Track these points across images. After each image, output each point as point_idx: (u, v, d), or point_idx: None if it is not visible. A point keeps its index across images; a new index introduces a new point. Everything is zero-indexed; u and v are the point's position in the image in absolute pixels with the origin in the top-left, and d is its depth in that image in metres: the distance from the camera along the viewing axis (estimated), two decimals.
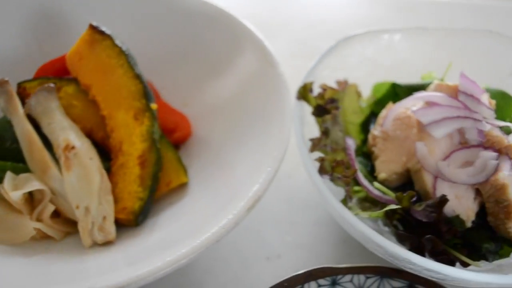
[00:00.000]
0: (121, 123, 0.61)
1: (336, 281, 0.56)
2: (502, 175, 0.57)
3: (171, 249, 0.49)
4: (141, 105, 0.61)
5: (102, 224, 0.56)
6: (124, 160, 0.60)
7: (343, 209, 0.53)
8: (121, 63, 0.62)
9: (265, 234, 0.66)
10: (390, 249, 0.51)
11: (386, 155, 0.62)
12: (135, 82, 0.62)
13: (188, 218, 0.57)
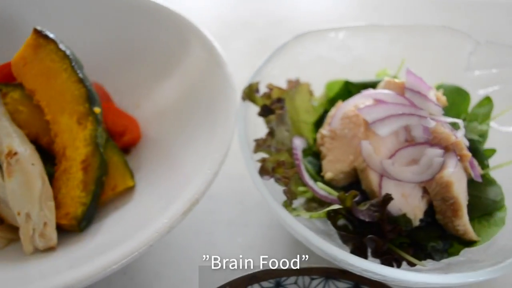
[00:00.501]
0: (65, 127, 0.60)
1: (280, 283, 0.56)
2: (446, 173, 0.57)
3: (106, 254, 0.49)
4: (84, 109, 0.60)
5: (43, 230, 0.56)
6: (68, 165, 0.59)
7: (282, 210, 0.53)
8: (64, 67, 0.62)
9: (216, 237, 0.65)
10: (327, 250, 0.51)
11: (334, 154, 0.61)
12: (78, 86, 0.61)
13: (130, 222, 0.56)
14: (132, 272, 0.61)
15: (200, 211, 0.67)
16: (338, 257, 0.50)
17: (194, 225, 0.66)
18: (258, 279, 0.55)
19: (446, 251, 0.59)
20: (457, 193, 0.57)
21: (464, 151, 0.60)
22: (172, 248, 0.64)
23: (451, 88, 0.71)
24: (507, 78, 0.71)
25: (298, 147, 0.61)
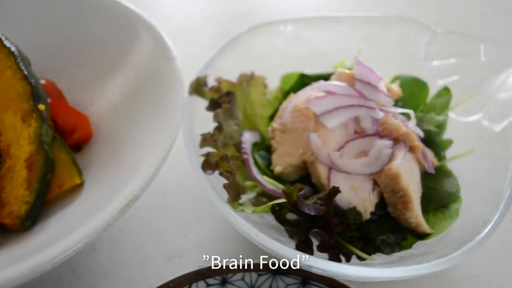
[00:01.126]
0: (9, 125, 0.59)
1: (227, 280, 0.55)
2: (395, 164, 0.56)
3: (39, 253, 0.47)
4: (28, 107, 0.59)
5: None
6: (12, 164, 0.58)
7: (224, 205, 0.52)
8: (9, 64, 0.61)
9: (169, 234, 0.64)
10: (268, 245, 0.49)
11: (283, 147, 0.60)
12: (23, 83, 0.60)
13: (73, 220, 0.55)
14: (80, 271, 0.60)
15: (153, 208, 0.66)
16: (279, 251, 0.49)
17: (147, 222, 0.65)
18: (204, 276, 0.54)
19: (399, 244, 0.58)
20: (406, 185, 0.56)
21: (415, 142, 0.59)
22: (122, 246, 0.63)
23: (409, 79, 0.70)
24: (466, 68, 0.70)
25: (247, 141, 0.60)
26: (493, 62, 0.68)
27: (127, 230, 0.64)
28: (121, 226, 0.64)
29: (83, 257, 0.61)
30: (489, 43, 0.69)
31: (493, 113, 0.65)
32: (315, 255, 0.53)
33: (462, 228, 0.57)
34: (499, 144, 0.62)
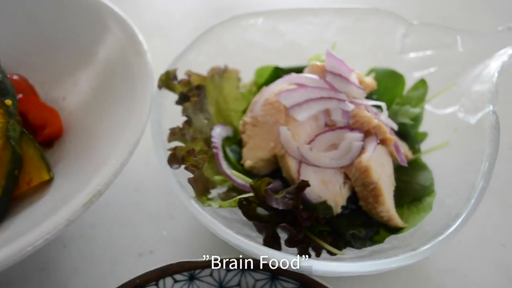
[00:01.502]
0: None
1: (195, 276, 0.54)
2: (365, 157, 0.55)
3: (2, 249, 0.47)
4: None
5: None
6: None
7: (189, 200, 0.51)
8: None
9: (141, 230, 0.64)
10: (233, 240, 0.49)
11: (254, 141, 0.60)
12: None
13: (38, 217, 0.54)
14: (50, 268, 0.60)
15: (126, 204, 0.65)
16: (245, 247, 0.48)
17: (119, 218, 0.64)
18: (171, 272, 0.53)
19: (370, 238, 0.58)
20: (377, 178, 0.55)
21: (387, 134, 0.58)
22: (93, 242, 0.62)
23: (385, 72, 0.69)
24: (443, 60, 0.69)
25: (218, 136, 0.60)
26: (470, 53, 0.67)
27: (99, 226, 0.64)
28: (93, 222, 0.64)
29: (53, 253, 0.61)
30: (466, 34, 0.68)
31: (468, 105, 0.64)
32: (284, 250, 0.52)
33: (435, 221, 0.56)
34: (474, 136, 0.61)
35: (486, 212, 0.70)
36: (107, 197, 0.65)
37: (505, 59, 0.64)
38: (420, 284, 0.61)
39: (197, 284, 0.54)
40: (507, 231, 0.67)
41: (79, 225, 0.63)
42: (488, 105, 0.60)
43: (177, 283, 0.53)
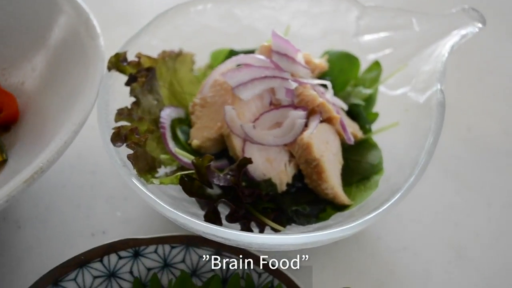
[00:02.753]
0: None
1: (139, 252, 0.55)
2: (306, 134, 0.56)
3: None
4: None
5: None
6: None
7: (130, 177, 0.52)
8: None
9: (95, 211, 0.65)
10: (171, 215, 0.49)
11: (202, 121, 0.60)
12: None
13: None
14: (4, 247, 0.61)
15: (82, 186, 0.66)
16: (179, 220, 0.49)
17: (74, 200, 0.65)
18: (116, 249, 0.54)
19: (316, 216, 0.58)
20: (319, 155, 0.56)
21: (332, 113, 0.58)
22: (48, 223, 0.63)
23: (339, 54, 0.70)
24: (398, 42, 0.69)
25: (167, 116, 0.60)
26: (424, 35, 0.68)
27: (54, 208, 0.65)
28: (48, 204, 0.65)
29: (8, 234, 0.62)
30: (420, 16, 0.68)
31: (419, 85, 0.65)
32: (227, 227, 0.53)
33: (379, 198, 0.57)
34: (422, 114, 0.62)
35: (441, 193, 0.70)
36: (63, 180, 0.66)
37: (456, 39, 0.64)
38: (371, 262, 0.62)
39: (142, 261, 0.55)
40: (461, 211, 0.68)
41: (34, 207, 0.64)
42: (436, 84, 0.61)
43: (121, 260, 0.54)
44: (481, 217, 0.68)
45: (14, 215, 0.63)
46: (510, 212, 0.68)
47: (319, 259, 0.61)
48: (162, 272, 0.55)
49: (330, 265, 0.61)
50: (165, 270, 0.55)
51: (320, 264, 0.61)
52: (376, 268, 0.62)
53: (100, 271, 0.53)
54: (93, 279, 0.53)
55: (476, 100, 0.82)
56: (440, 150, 0.73)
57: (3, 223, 0.63)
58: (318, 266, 0.60)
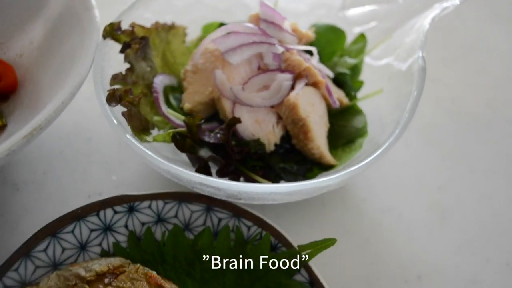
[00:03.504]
0: None
1: (134, 208, 0.57)
2: (292, 94, 0.58)
3: None
4: None
5: None
6: None
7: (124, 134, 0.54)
8: None
9: (92, 175, 0.67)
10: (165, 167, 0.52)
11: (194, 87, 0.63)
12: None
13: None
14: (3, 209, 0.63)
15: (78, 152, 0.69)
16: (172, 172, 0.51)
17: (71, 165, 0.68)
18: (111, 204, 0.57)
19: (303, 175, 0.61)
20: (305, 115, 0.58)
21: (317, 77, 0.61)
22: (45, 187, 0.66)
23: (326, 27, 0.73)
24: (382, 15, 0.72)
25: (160, 82, 0.63)
26: (407, 7, 0.70)
27: (51, 172, 0.67)
28: (46, 169, 0.67)
29: (7, 196, 0.64)
30: None
31: (402, 54, 0.68)
32: None
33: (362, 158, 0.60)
34: (404, 81, 0.64)
35: (425, 159, 0.73)
36: (61, 147, 0.69)
37: (437, 11, 0.67)
38: (357, 222, 0.65)
39: (136, 215, 0.57)
40: (444, 176, 0.71)
41: (32, 171, 0.67)
42: (418, 52, 0.63)
43: (117, 214, 0.57)
44: (464, 182, 0.70)
45: (13, 178, 0.66)
46: (492, 178, 0.71)
47: (307, 218, 0.63)
48: (156, 226, 0.57)
49: (318, 224, 0.64)
50: (159, 224, 0.57)
51: (308, 223, 0.63)
52: (361, 227, 0.64)
53: (96, 224, 0.56)
54: (90, 232, 0.56)
55: (460, 75, 0.85)
56: (424, 121, 0.77)
57: (2, 186, 0.65)
58: (306, 224, 0.62)
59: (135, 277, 0.51)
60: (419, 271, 0.61)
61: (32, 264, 0.53)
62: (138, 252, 0.55)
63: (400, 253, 0.62)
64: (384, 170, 0.70)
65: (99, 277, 0.52)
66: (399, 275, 0.60)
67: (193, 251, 0.55)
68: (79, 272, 0.52)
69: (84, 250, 0.55)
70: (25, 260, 0.52)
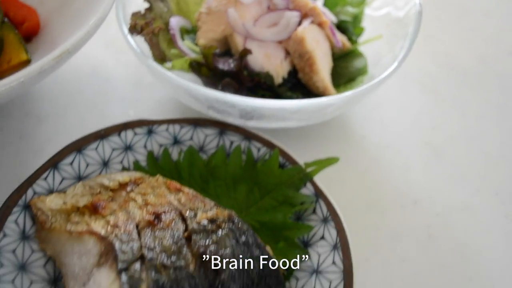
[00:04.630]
0: None
1: (152, 130, 0.62)
2: (300, 29, 0.63)
3: None
4: None
5: None
6: None
7: (145, 60, 0.59)
8: None
9: (110, 110, 0.72)
10: (182, 84, 0.56)
11: (208, 26, 0.68)
12: None
13: None
14: (27, 137, 0.67)
15: (97, 91, 0.73)
16: (191, 90, 0.56)
17: (90, 102, 0.72)
18: (132, 126, 0.61)
19: None
20: (311, 48, 0.63)
21: (322, 17, 0.66)
22: (65, 119, 0.70)
23: None
24: None
25: (176, 22, 0.68)
26: None
27: (71, 107, 0.71)
28: (66, 104, 0.72)
29: (30, 126, 0.68)
30: None
31: (399, 4, 0.73)
32: None
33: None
34: (401, 25, 0.70)
35: (420, 104, 0.78)
36: (80, 87, 0.73)
37: None
38: (357, 154, 0.70)
39: (154, 138, 0.62)
40: (438, 119, 0.76)
41: (54, 105, 0.71)
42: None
43: (136, 136, 0.61)
44: (456, 124, 0.75)
45: (36, 111, 0.70)
46: (482, 122, 0.76)
47: (311, 150, 0.68)
48: (172, 148, 0.62)
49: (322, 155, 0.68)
50: (175, 146, 0.62)
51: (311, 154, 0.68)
52: (361, 159, 0.69)
53: (117, 143, 0.60)
54: (112, 150, 0.60)
55: (454, 33, 0.91)
56: (420, 73, 0.82)
57: (26, 117, 0.69)
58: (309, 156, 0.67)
59: (155, 185, 0.56)
60: (414, 197, 0.66)
61: (59, 175, 0.57)
62: (156, 170, 0.60)
63: (397, 181, 0.67)
64: (382, 112, 0.75)
65: (121, 186, 0.56)
66: (396, 200, 0.65)
67: (207, 169, 0.60)
68: (103, 182, 0.57)
69: (106, 167, 0.60)
70: (53, 171, 0.57)
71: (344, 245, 0.53)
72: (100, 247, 0.48)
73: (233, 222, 0.49)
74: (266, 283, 0.47)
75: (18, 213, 0.53)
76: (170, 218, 0.49)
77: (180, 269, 0.44)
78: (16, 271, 0.51)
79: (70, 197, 0.55)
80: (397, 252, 0.61)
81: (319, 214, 0.56)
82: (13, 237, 0.52)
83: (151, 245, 0.46)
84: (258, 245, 0.48)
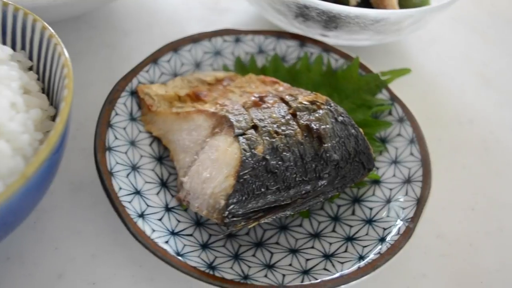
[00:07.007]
0: None
1: (240, 39, 0.67)
2: None
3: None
4: None
5: None
6: None
7: None
8: None
9: (191, 27, 0.77)
10: None
11: None
12: None
13: None
14: (116, 48, 0.72)
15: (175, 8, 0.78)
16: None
17: (170, 19, 0.78)
18: (221, 34, 0.67)
19: None
20: None
21: None
22: (148, 35, 0.75)
23: None
24: None
25: None
26: None
27: (155, 24, 0.76)
28: (148, 21, 0.77)
29: (117, 40, 0.73)
30: None
31: None
32: None
33: None
34: None
35: (469, 45, 0.84)
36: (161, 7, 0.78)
37: None
38: (418, 79, 0.75)
39: (241, 46, 0.67)
40: (487, 56, 0.82)
41: (137, 21, 0.76)
42: None
43: (225, 42, 0.67)
44: (504, 61, 0.82)
45: (122, 25, 0.75)
46: None
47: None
48: (257, 56, 0.67)
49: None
50: (260, 55, 0.67)
51: None
52: (421, 84, 0.75)
53: (208, 47, 0.66)
54: (203, 53, 0.65)
55: None
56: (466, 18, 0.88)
57: (112, 30, 0.75)
58: None
59: (250, 81, 0.61)
60: (470, 116, 0.72)
61: (158, 70, 0.62)
62: (244, 74, 0.65)
63: (453, 103, 0.73)
64: (437, 47, 0.82)
65: (218, 81, 0.62)
66: (453, 117, 0.71)
67: (290, 75, 0.66)
68: (201, 76, 0.62)
69: (198, 68, 0.65)
70: (153, 66, 0.62)
71: (420, 140, 0.59)
72: (211, 121, 0.53)
73: (330, 105, 0.54)
74: (359, 158, 0.53)
75: (126, 97, 0.58)
76: (273, 101, 0.55)
77: (290, 136, 0.50)
78: (128, 145, 0.56)
79: (171, 88, 0.61)
80: (458, 160, 0.67)
81: (394, 115, 0.62)
82: (124, 116, 0.57)
83: (261, 118, 0.51)
84: (353, 125, 0.54)
